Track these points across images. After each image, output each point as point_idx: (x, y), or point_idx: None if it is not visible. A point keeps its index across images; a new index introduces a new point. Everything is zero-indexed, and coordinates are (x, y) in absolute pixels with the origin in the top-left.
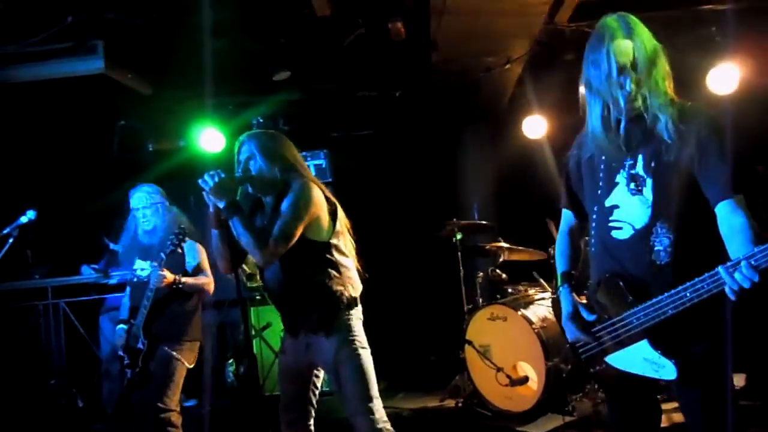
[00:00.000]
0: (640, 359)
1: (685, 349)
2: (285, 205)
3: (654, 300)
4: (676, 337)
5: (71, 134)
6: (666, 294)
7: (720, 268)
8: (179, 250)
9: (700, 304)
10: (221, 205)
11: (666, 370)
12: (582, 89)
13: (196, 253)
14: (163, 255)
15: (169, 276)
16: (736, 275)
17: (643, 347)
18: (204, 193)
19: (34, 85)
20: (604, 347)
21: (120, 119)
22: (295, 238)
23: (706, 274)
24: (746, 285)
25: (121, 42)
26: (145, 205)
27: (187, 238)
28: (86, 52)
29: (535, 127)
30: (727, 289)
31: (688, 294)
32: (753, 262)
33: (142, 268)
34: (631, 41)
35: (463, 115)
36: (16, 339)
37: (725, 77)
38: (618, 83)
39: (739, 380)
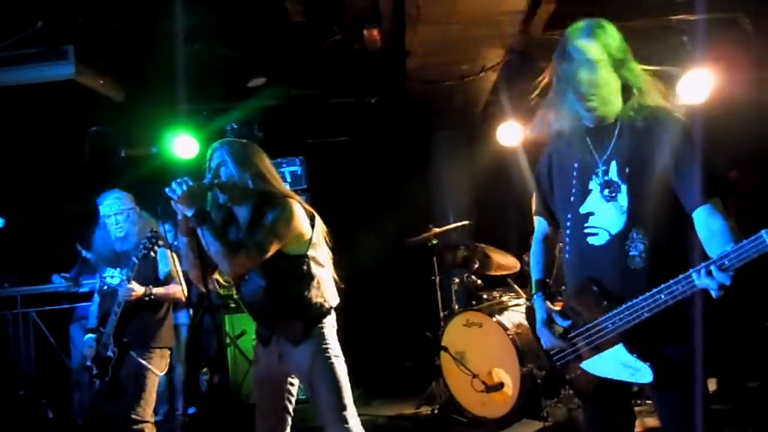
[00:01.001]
0: (615, 364)
1: (660, 351)
2: (267, 220)
3: (629, 303)
4: (651, 340)
5: (42, 140)
6: (641, 297)
7: (692, 271)
8: (152, 254)
9: (674, 307)
10: (189, 213)
11: (642, 373)
12: (553, 91)
13: (168, 260)
14: (135, 259)
15: (138, 290)
16: (708, 281)
17: (618, 351)
18: (172, 201)
19: (3, 90)
20: (579, 353)
21: (91, 125)
22: (269, 254)
23: (681, 276)
24: (714, 289)
25: (93, 47)
26: (116, 211)
27: (160, 243)
28: (57, 57)
29: (510, 134)
30: (712, 291)
31: (663, 296)
32: (727, 262)
33: (112, 275)
34: (596, 41)
35: (439, 123)
36: None
37: (696, 86)
38: (586, 81)
39: (710, 384)
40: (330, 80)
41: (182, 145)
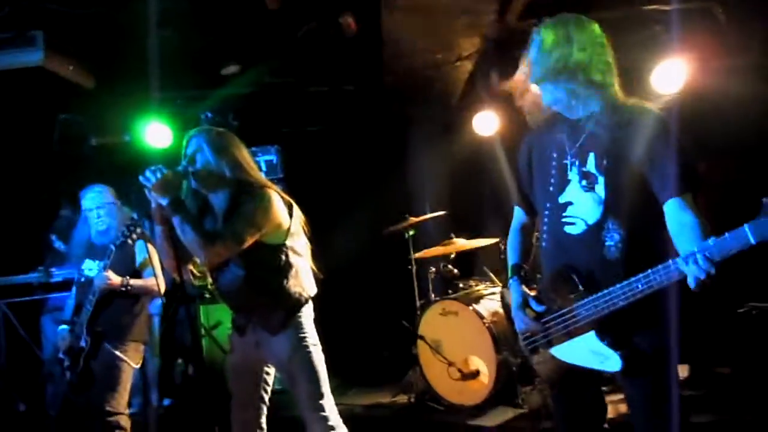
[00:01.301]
0: (585, 351)
1: (630, 340)
2: (243, 210)
3: (605, 291)
4: (622, 329)
5: (10, 128)
6: (618, 285)
7: (679, 259)
8: (129, 242)
9: (648, 297)
10: (164, 202)
11: (611, 361)
12: (533, 87)
13: (145, 251)
14: (112, 247)
15: (115, 279)
16: (693, 267)
17: (589, 339)
18: (146, 190)
19: None
20: (550, 338)
21: (61, 112)
22: (246, 245)
23: (659, 266)
24: (702, 276)
25: (62, 33)
26: (99, 205)
27: (138, 232)
28: (25, 43)
29: (486, 123)
30: (689, 279)
31: (639, 285)
32: (707, 254)
33: (90, 267)
34: (562, 38)
35: (415, 112)
36: None
37: (670, 76)
38: (561, 76)
39: (682, 371)
40: (306, 68)
41: (155, 133)
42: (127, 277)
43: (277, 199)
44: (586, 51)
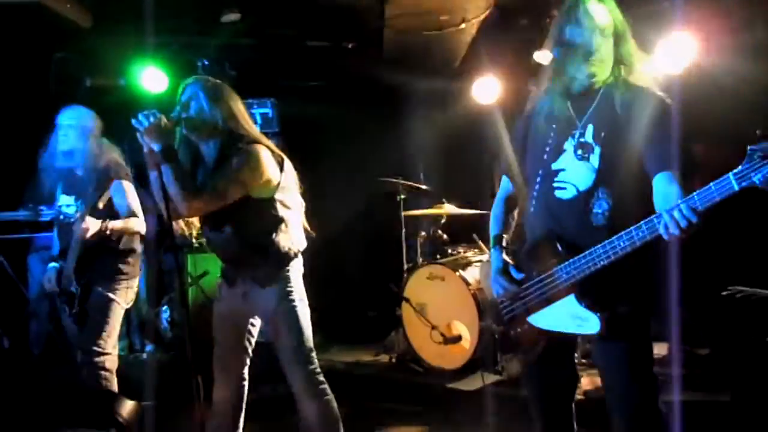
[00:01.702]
0: (563, 315)
1: (610, 303)
2: (229, 165)
3: (586, 252)
4: (602, 291)
5: (5, 65)
6: (599, 245)
7: (662, 210)
8: (105, 197)
9: (628, 260)
10: (156, 148)
11: (589, 324)
12: (542, 55)
13: (123, 193)
14: (83, 207)
15: (93, 227)
16: (675, 213)
17: (568, 302)
18: (138, 134)
19: None
20: (528, 306)
21: (57, 52)
22: (229, 201)
23: (642, 222)
24: (683, 224)
25: None
26: (71, 124)
27: (113, 178)
28: None
29: (486, 90)
30: (661, 228)
31: (621, 243)
32: (691, 204)
33: (68, 204)
34: (606, 7)
35: (415, 75)
36: None
37: (676, 52)
38: (588, 44)
39: (661, 349)
40: (307, 22)
41: (150, 77)
42: (107, 221)
43: (266, 154)
44: (624, 23)
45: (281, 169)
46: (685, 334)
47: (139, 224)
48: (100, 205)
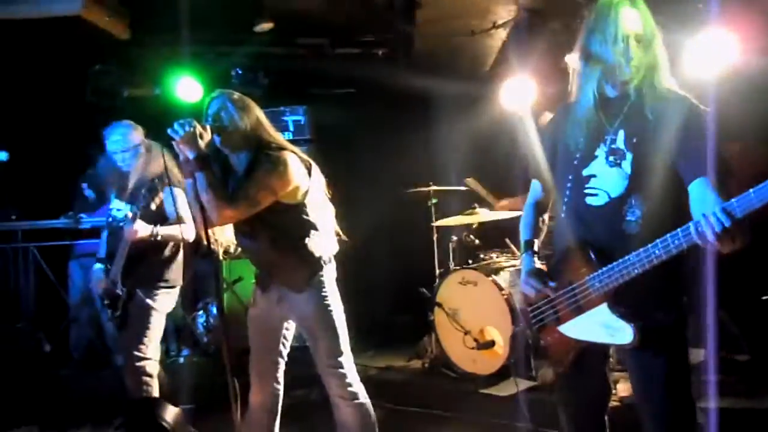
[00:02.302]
0: (595, 325)
1: (644, 312)
2: (258, 172)
3: (620, 261)
4: (636, 301)
5: (45, 76)
6: (634, 254)
7: (701, 215)
8: (156, 200)
9: (663, 269)
10: (191, 156)
11: (622, 334)
12: (573, 58)
13: (174, 200)
14: (136, 209)
15: (143, 231)
16: (711, 218)
17: (601, 311)
18: (173, 142)
19: (9, 24)
20: (559, 315)
21: (95, 63)
22: (259, 207)
23: (678, 230)
24: (718, 228)
25: None
26: (122, 149)
27: (165, 184)
28: None
29: (516, 94)
30: (695, 236)
31: (657, 251)
32: (728, 208)
33: (119, 208)
34: (638, 12)
35: (445, 80)
36: None
37: (709, 53)
38: (621, 52)
39: (699, 355)
40: (337, 30)
41: (185, 87)
42: (156, 226)
43: (293, 160)
44: (654, 28)
45: (309, 175)
46: (723, 340)
47: (187, 231)
48: (153, 207)
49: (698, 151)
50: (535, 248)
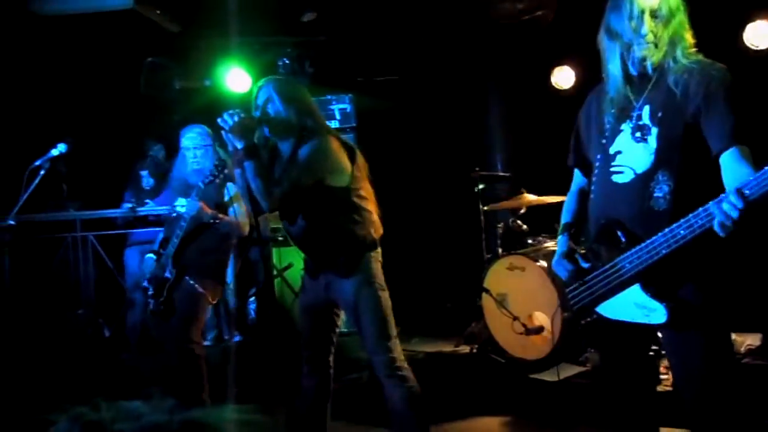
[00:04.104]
0: (630, 305)
1: (676, 291)
2: (301, 157)
3: (648, 241)
4: (668, 280)
5: (102, 69)
6: (660, 234)
7: (711, 202)
8: (217, 181)
9: (694, 246)
10: (240, 145)
11: (656, 314)
12: (601, 37)
13: (232, 191)
14: (201, 184)
15: (205, 208)
16: (723, 205)
17: (634, 292)
18: (223, 132)
19: (65, 19)
20: (595, 296)
21: (148, 56)
22: (303, 192)
23: (700, 209)
24: (734, 214)
25: None
26: (196, 145)
27: (226, 171)
28: None
29: (564, 77)
30: (715, 224)
31: (681, 231)
32: (746, 191)
33: (182, 204)
34: None
35: (491, 64)
36: (46, 270)
37: (761, 31)
38: (636, 28)
39: (754, 339)
40: (382, 17)
41: (235, 78)
42: (217, 211)
43: (335, 143)
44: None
45: (353, 160)
46: None
47: (244, 222)
48: (217, 182)
49: (722, 119)
50: (573, 231)
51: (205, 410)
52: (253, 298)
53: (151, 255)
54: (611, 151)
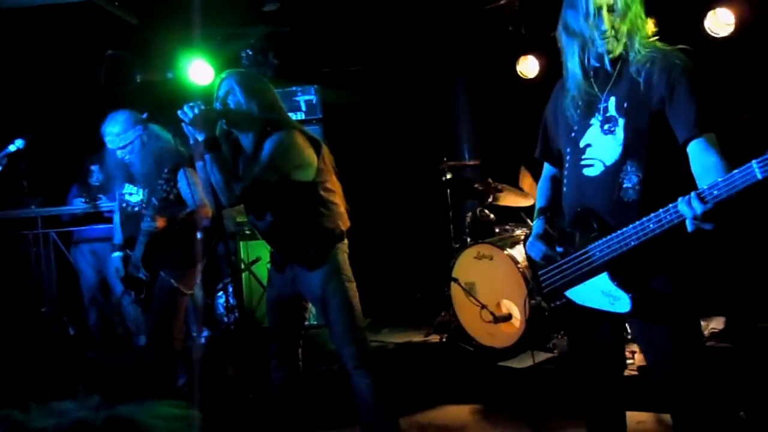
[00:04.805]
0: (597, 292)
1: (642, 282)
2: (264, 151)
3: (619, 232)
4: (635, 271)
5: (59, 63)
6: (631, 225)
7: (679, 199)
8: (172, 196)
9: (662, 239)
10: (200, 138)
11: (621, 302)
12: (559, 34)
13: (188, 181)
14: (155, 201)
15: (161, 223)
16: (690, 205)
17: (602, 280)
18: (183, 124)
19: (22, 11)
20: (566, 280)
21: (107, 49)
22: (267, 186)
23: (670, 205)
24: (698, 212)
25: None
26: (119, 146)
27: (179, 172)
28: None
29: (530, 66)
30: (687, 223)
31: (651, 225)
32: (715, 191)
33: (131, 192)
34: None
35: (457, 54)
36: (7, 268)
37: (722, 19)
38: (594, 24)
39: (718, 323)
40: (346, 7)
41: (197, 70)
42: (177, 216)
43: (300, 138)
44: None
45: (318, 153)
46: (745, 306)
47: (205, 212)
48: (171, 197)
49: (686, 107)
50: (548, 214)
51: (132, 406)
52: (221, 293)
53: (117, 253)
54: (581, 144)
